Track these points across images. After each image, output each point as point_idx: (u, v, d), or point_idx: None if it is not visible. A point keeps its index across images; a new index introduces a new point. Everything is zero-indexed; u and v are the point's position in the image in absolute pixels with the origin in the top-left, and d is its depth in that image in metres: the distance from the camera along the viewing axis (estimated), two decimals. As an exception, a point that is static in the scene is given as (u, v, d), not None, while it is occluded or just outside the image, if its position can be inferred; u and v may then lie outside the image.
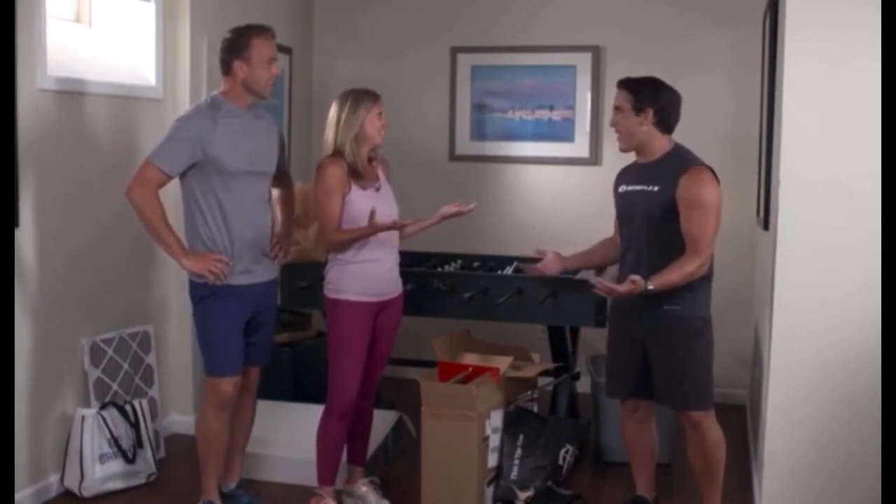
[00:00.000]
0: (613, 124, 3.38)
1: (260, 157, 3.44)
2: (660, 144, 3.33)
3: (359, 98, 3.43)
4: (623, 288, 3.19)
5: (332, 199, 3.40)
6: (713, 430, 3.36)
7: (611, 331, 3.55)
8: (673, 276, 3.19)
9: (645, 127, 3.30)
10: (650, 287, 3.17)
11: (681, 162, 3.28)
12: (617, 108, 3.35)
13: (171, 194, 3.54)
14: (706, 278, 3.30)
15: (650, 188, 3.29)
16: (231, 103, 3.37)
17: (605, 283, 3.28)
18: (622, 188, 3.44)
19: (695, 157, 3.31)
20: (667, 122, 3.32)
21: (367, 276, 3.45)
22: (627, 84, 3.35)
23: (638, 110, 3.29)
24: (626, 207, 3.41)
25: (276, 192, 3.62)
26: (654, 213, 3.26)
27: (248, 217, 3.40)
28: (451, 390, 3.65)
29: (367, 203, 3.42)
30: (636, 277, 3.17)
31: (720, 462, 3.41)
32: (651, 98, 3.29)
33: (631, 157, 3.48)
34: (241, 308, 3.43)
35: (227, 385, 3.42)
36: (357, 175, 3.43)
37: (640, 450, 3.59)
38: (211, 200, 3.34)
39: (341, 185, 3.40)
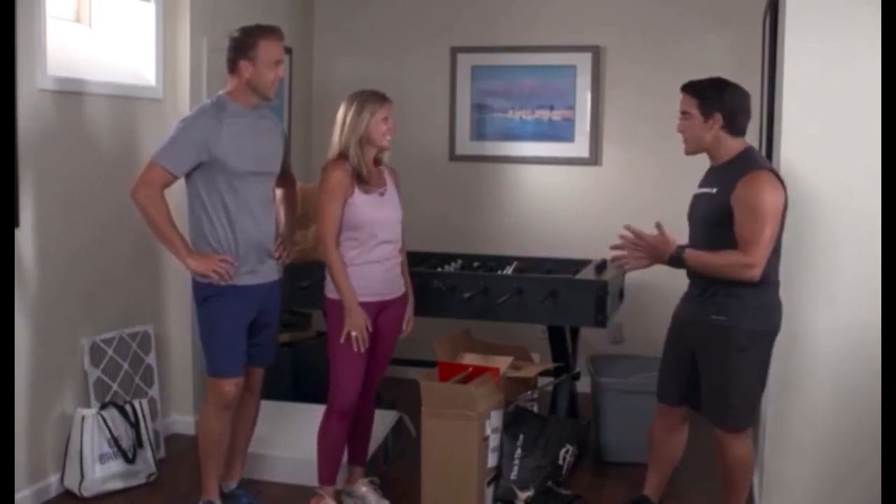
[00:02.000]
0: (681, 130, 3.25)
1: (265, 158, 3.44)
2: (727, 147, 3.19)
3: (364, 101, 3.41)
4: (650, 237, 3.11)
5: (332, 205, 3.38)
6: (738, 447, 3.23)
7: (667, 336, 3.45)
8: (708, 258, 3.08)
9: (713, 131, 3.17)
10: (680, 252, 3.09)
11: (743, 165, 3.14)
12: (684, 114, 3.21)
13: (175, 195, 3.53)
14: (759, 290, 3.13)
15: (710, 190, 3.18)
16: (236, 103, 3.37)
17: (635, 228, 3.17)
18: (696, 191, 3.31)
19: (759, 161, 3.18)
20: (736, 123, 3.18)
21: (366, 277, 3.45)
22: (692, 88, 3.22)
23: (706, 115, 3.17)
24: (691, 209, 3.31)
25: (279, 193, 3.62)
26: (710, 216, 3.16)
27: (254, 217, 3.40)
28: (451, 390, 3.65)
29: (370, 208, 3.42)
30: (667, 234, 3.09)
31: (742, 478, 3.29)
32: (717, 101, 3.16)
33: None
34: (246, 308, 3.43)
35: (230, 386, 3.41)
36: (361, 179, 3.42)
37: (663, 453, 3.51)
38: (216, 201, 3.34)
39: (342, 190, 3.39)
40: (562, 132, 5.38)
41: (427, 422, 3.64)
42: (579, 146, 5.35)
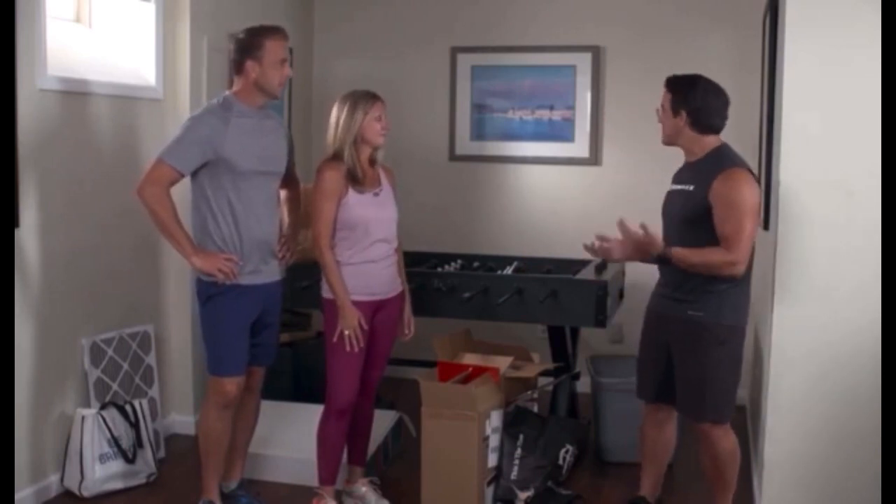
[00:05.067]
0: (660, 121, 3.35)
1: (270, 158, 3.45)
2: (701, 145, 3.26)
3: (357, 101, 3.42)
4: (638, 237, 3.14)
5: (326, 205, 3.39)
6: (725, 440, 3.31)
7: (643, 332, 3.50)
8: (695, 256, 3.12)
9: (679, 128, 3.26)
10: (667, 251, 3.12)
11: (718, 163, 3.19)
12: (663, 107, 3.32)
13: (179, 194, 3.53)
14: (737, 285, 3.18)
15: (687, 187, 3.24)
16: (242, 103, 3.38)
17: (626, 226, 3.20)
18: (670, 187, 3.38)
19: (735, 159, 3.22)
20: (703, 122, 3.24)
21: (362, 276, 3.45)
22: (670, 83, 3.31)
23: (674, 112, 3.26)
24: (665, 206, 3.37)
25: (283, 193, 3.63)
26: (686, 213, 3.20)
27: (258, 217, 3.40)
28: (451, 390, 3.65)
29: (365, 208, 3.42)
30: (653, 233, 3.12)
31: (732, 470, 3.37)
32: (683, 100, 3.24)
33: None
34: (249, 308, 3.43)
35: (231, 385, 3.42)
36: (355, 179, 3.42)
37: (655, 450, 3.56)
38: (221, 200, 3.35)
39: (336, 190, 3.39)
40: (562, 132, 5.38)
41: (427, 422, 3.65)
42: (579, 146, 5.35)
